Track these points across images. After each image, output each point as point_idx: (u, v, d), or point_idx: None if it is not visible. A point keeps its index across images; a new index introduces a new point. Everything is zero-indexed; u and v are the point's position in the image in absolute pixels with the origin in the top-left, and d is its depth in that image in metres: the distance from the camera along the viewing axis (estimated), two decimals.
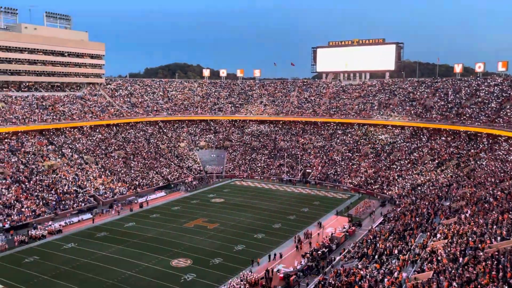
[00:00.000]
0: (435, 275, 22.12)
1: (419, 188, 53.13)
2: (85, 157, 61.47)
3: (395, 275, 24.17)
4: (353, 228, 42.85)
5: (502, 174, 44.01)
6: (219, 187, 65.22)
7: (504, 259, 21.76)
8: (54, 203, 48.76)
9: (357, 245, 34.68)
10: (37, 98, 66.62)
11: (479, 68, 75.15)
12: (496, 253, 22.83)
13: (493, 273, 20.15)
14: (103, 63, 79.41)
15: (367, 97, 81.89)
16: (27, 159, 55.05)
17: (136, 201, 54.22)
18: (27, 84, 68.80)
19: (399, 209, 44.81)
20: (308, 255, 34.74)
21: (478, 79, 74.36)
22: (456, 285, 20.04)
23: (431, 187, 51.13)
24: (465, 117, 64.39)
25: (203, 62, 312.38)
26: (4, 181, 48.81)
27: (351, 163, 68.89)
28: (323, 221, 45.61)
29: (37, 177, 52.15)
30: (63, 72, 72.56)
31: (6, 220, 42.69)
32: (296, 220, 47.06)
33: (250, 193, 60.41)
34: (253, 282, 29.70)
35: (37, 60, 68.63)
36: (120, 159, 65.01)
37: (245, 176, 71.60)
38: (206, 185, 66.15)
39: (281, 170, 71.81)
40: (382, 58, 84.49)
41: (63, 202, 49.58)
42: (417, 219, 36.99)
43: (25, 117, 60.26)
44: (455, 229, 29.28)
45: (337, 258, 33.14)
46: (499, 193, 36.28)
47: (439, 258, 24.63)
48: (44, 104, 66.02)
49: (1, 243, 37.60)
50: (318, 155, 73.72)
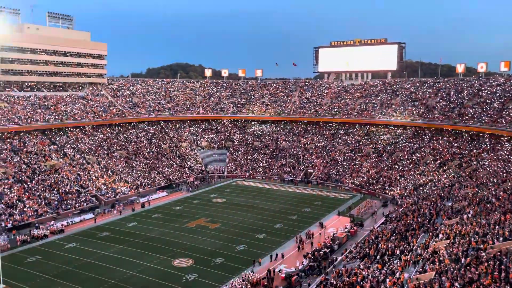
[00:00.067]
0: (437, 275, 22.07)
1: (421, 188, 53.03)
2: (87, 157, 61.60)
3: (397, 275, 24.13)
4: (355, 228, 42.80)
5: (504, 174, 43.90)
6: (221, 187, 65.27)
7: (507, 259, 21.69)
8: (56, 203, 48.87)
9: (359, 245, 34.64)
10: (40, 98, 66.81)
11: (481, 68, 74.94)
12: (499, 253, 22.74)
13: (495, 273, 20.07)
14: (105, 63, 79.57)
15: (369, 97, 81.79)
16: (29, 159, 55.20)
17: (138, 201, 54.26)
18: (29, 84, 68.99)
19: (401, 209, 44.75)
20: (310, 255, 34.72)
21: (481, 79, 74.18)
22: (458, 286, 19.98)
23: (433, 187, 51.05)
24: (467, 117, 64.24)
25: (205, 62, 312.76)
26: (6, 180, 48.95)
27: (353, 163, 68.81)
28: (325, 221, 45.63)
29: (39, 177, 52.29)
30: (65, 72, 72.73)
31: (9, 220, 42.83)
32: (297, 220, 47.04)
33: (252, 193, 60.42)
34: (254, 282, 29.71)
35: (40, 60, 68.80)
36: (122, 159, 65.12)
37: (246, 176, 71.61)
38: (208, 185, 66.21)
39: (282, 170, 71.81)
40: (384, 58, 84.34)
41: (65, 202, 49.70)
42: (419, 219, 36.90)
43: (27, 117, 60.46)
44: (457, 229, 29.20)
45: (339, 259, 33.12)
46: (501, 193, 36.19)
47: (441, 258, 24.56)
48: (46, 104, 66.21)
49: (4, 243, 37.67)
50: (320, 155, 73.67)
